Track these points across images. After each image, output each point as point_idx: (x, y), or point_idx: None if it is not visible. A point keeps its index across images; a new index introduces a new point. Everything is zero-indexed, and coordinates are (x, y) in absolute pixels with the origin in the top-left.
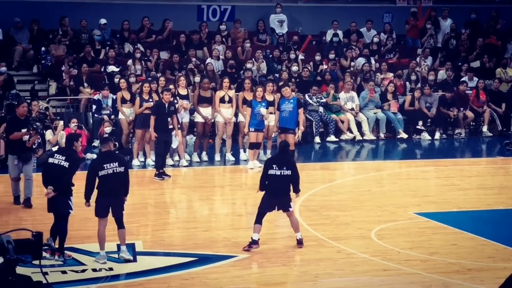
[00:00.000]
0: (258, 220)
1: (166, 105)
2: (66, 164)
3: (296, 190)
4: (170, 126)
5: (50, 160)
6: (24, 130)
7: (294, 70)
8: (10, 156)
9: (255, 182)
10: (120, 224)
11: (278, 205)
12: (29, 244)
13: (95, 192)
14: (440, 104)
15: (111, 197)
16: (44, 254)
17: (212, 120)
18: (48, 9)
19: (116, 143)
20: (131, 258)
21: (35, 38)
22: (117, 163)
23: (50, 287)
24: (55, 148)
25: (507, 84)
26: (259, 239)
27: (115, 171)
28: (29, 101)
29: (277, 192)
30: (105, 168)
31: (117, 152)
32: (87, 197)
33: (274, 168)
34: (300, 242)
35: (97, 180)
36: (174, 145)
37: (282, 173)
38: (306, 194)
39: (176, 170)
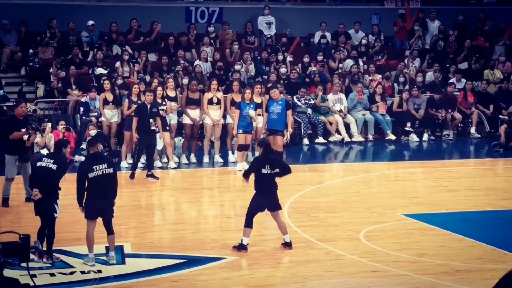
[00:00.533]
0: (249, 223)
1: (148, 107)
2: (54, 167)
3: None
4: (153, 128)
5: (39, 163)
6: (23, 130)
7: (282, 72)
8: (10, 156)
9: (244, 184)
10: (109, 230)
11: (268, 205)
12: (16, 246)
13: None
14: (428, 105)
15: (101, 199)
16: (31, 256)
17: (200, 122)
18: (36, 11)
19: (105, 145)
20: (115, 263)
21: (23, 40)
22: (106, 164)
23: None
24: (43, 151)
25: (494, 86)
26: (248, 244)
27: (104, 172)
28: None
29: (267, 190)
30: (95, 169)
31: (106, 153)
32: (80, 200)
33: (267, 168)
34: (288, 245)
35: (86, 183)
36: (159, 146)
37: (273, 172)
38: (295, 196)
39: (165, 172)
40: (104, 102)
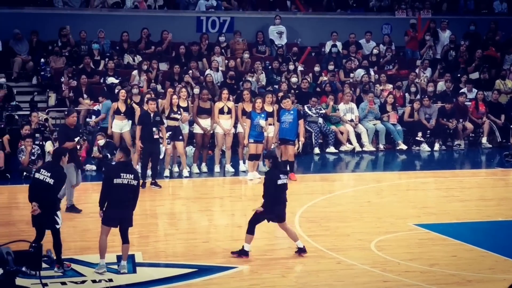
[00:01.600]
0: (251, 230)
1: (152, 115)
2: (51, 181)
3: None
4: (156, 136)
5: (37, 175)
6: (77, 139)
7: (293, 82)
8: (68, 164)
9: (255, 193)
10: (125, 239)
11: (276, 215)
12: (28, 255)
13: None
14: (439, 115)
15: (120, 208)
16: (44, 265)
17: (211, 132)
18: (47, 20)
19: (113, 153)
20: (126, 272)
21: (34, 49)
22: (133, 175)
23: None
24: None
25: (506, 96)
26: (250, 251)
27: (129, 182)
28: (28, 112)
29: (280, 201)
30: (122, 177)
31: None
32: (102, 205)
33: (282, 177)
34: (303, 250)
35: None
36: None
37: (285, 182)
38: (306, 206)
39: (176, 181)
40: (116, 112)
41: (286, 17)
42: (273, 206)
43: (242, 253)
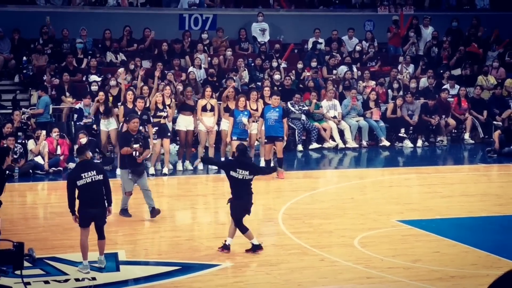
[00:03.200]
0: (244, 228)
1: (139, 113)
2: None
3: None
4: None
5: None
6: (136, 146)
7: (276, 79)
8: (123, 170)
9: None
10: (101, 235)
11: (244, 208)
12: (10, 254)
13: (77, 202)
14: (422, 111)
15: (93, 207)
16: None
17: (194, 129)
18: (30, 18)
19: (96, 151)
20: (103, 267)
21: (16, 47)
22: (95, 171)
23: None
24: (37, 158)
25: (488, 92)
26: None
27: (93, 179)
28: (10, 111)
29: (241, 195)
30: (83, 177)
31: (100, 161)
32: (71, 209)
33: (238, 171)
34: (226, 248)
35: (77, 191)
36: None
37: (244, 177)
38: (289, 203)
39: (159, 179)
40: (98, 112)
41: (268, 14)
42: (236, 203)
43: (256, 248)
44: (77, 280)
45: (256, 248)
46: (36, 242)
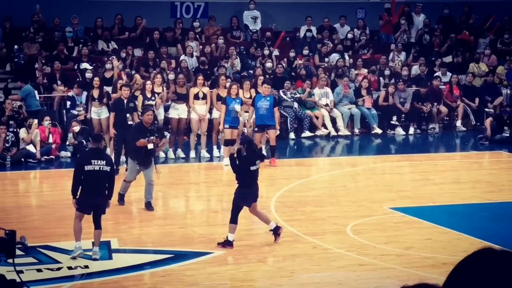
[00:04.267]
0: (235, 219)
1: (125, 101)
2: None
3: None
4: (130, 122)
5: None
6: (152, 138)
7: (268, 67)
8: (131, 161)
9: (230, 179)
10: (98, 224)
11: (252, 197)
12: (2, 242)
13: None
14: (414, 99)
15: (95, 195)
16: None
17: (187, 117)
18: (21, 7)
19: (88, 140)
20: (98, 258)
21: (7, 36)
22: (104, 161)
23: (24, 285)
24: (29, 147)
25: (480, 79)
26: (234, 240)
27: (101, 168)
28: (2, 99)
29: (252, 184)
30: (92, 163)
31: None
32: (74, 193)
33: (257, 163)
34: (278, 229)
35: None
36: None
37: (257, 167)
38: (282, 190)
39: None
40: (92, 98)
41: (260, 2)
42: (246, 191)
43: (226, 244)
44: (69, 268)
45: (227, 244)
46: (28, 231)
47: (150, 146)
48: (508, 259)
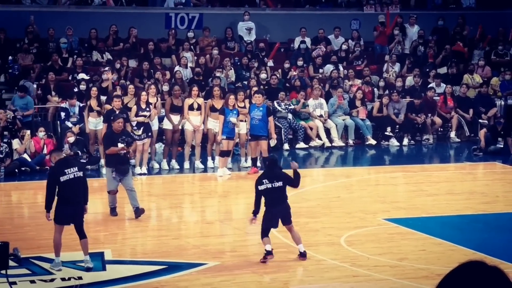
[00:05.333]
0: (265, 235)
1: (117, 112)
2: None
3: (295, 184)
4: None
5: None
6: (120, 145)
7: (262, 78)
8: (107, 168)
9: (225, 190)
10: (82, 234)
11: (281, 216)
12: None
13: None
14: (408, 110)
15: (72, 204)
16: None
17: (181, 128)
18: (15, 18)
19: (83, 151)
20: (91, 266)
21: (2, 47)
22: (76, 168)
23: None
24: (24, 155)
25: (474, 90)
26: (272, 249)
27: (75, 175)
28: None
29: (275, 202)
30: (67, 173)
31: (86, 161)
32: (49, 207)
33: (265, 182)
34: (303, 255)
35: (57, 188)
36: None
37: (274, 186)
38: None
39: (146, 178)
40: (89, 109)
41: (255, 13)
42: (269, 210)
43: (267, 254)
44: (63, 279)
45: (268, 255)
46: (22, 242)
47: (121, 153)
48: (491, 273)
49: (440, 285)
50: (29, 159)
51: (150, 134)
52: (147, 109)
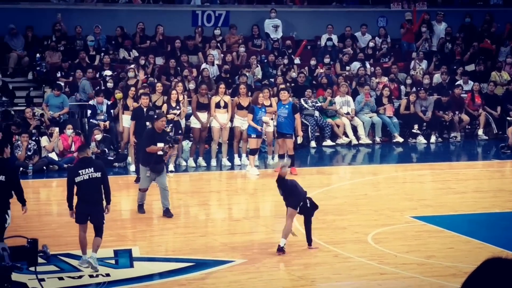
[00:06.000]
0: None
1: (145, 110)
2: (2, 178)
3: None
4: None
5: None
6: (160, 145)
7: (293, 76)
8: (142, 167)
9: (252, 187)
10: (98, 232)
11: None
12: (24, 251)
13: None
14: (435, 107)
15: (88, 204)
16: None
17: (208, 126)
18: (43, 15)
19: (111, 148)
20: (97, 268)
21: (29, 44)
22: (92, 168)
23: None
24: (51, 155)
25: (502, 87)
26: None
27: (91, 176)
28: (24, 107)
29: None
30: (81, 174)
31: (113, 158)
32: (70, 205)
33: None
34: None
35: (75, 187)
36: None
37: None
38: None
39: (174, 176)
40: (124, 108)
41: (281, 10)
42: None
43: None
44: (91, 276)
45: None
46: (50, 239)
47: (160, 152)
48: None
49: (467, 282)
50: (57, 159)
51: (180, 132)
52: (177, 107)
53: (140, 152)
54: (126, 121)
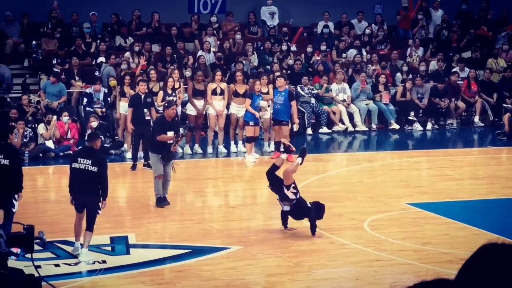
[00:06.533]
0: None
1: (142, 97)
2: (6, 162)
3: None
4: (147, 118)
5: None
6: (170, 134)
7: (290, 64)
8: (153, 154)
9: (248, 174)
10: (89, 225)
11: None
12: (20, 237)
13: None
14: (431, 94)
15: (81, 194)
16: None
17: (204, 113)
18: (38, 2)
19: (107, 135)
20: (81, 258)
21: (25, 31)
22: (90, 161)
23: (42, 280)
24: (48, 142)
25: (498, 74)
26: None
27: (86, 168)
28: (20, 95)
29: None
30: (78, 161)
31: (109, 145)
32: (70, 189)
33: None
34: None
35: None
36: None
37: None
38: (299, 186)
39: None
40: (121, 94)
41: None
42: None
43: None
44: (87, 263)
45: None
46: (46, 226)
47: (170, 141)
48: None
49: (463, 268)
50: (53, 147)
51: (176, 119)
52: (173, 94)
53: (151, 140)
54: (123, 107)
